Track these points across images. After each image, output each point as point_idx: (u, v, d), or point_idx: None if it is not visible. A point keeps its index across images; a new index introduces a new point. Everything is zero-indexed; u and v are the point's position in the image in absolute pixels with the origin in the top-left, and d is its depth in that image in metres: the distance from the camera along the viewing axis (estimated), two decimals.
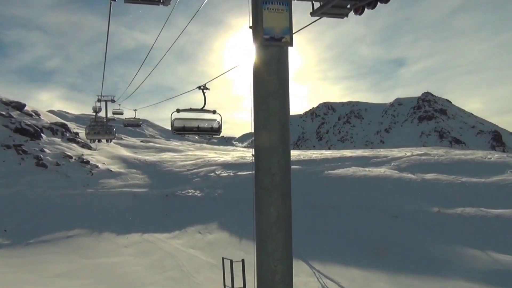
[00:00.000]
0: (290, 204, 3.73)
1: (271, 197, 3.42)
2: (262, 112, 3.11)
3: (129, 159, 34.01)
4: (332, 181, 24.74)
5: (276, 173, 3.28)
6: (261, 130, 3.15)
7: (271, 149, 3.19)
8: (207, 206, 23.23)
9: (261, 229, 3.63)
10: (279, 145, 3.10)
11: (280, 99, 3.00)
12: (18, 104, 34.28)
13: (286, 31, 3.01)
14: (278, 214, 3.50)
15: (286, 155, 3.19)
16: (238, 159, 34.29)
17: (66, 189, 24.17)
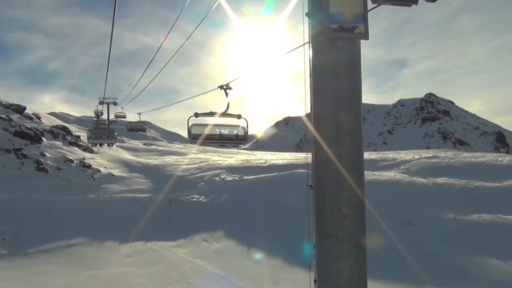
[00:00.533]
0: (366, 258, 2.60)
1: (341, 249, 2.47)
2: (327, 130, 2.31)
3: (131, 162, 33.28)
4: None
5: (349, 215, 2.41)
6: (324, 155, 2.32)
7: (341, 181, 2.34)
8: (212, 213, 22.48)
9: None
10: (351, 175, 2.27)
11: (353, 112, 2.20)
12: (18, 107, 33.58)
13: (359, 19, 2.20)
14: (351, 274, 2.45)
15: (360, 189, 2.35)
16: (243, 163, 33.55)
17: (67, 195, 23.43)
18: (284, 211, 21.63)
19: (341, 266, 2.44)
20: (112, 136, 23.60)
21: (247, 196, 24.37)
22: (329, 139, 2.26)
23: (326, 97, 2.30)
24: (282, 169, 29.59)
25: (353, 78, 2.24)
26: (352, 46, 2.29)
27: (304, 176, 27.13)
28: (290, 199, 22.97)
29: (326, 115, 2.30)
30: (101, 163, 30.68)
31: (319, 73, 2.35)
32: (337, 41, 2.26)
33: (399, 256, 16.20)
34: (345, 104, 2.24)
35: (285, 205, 22.39)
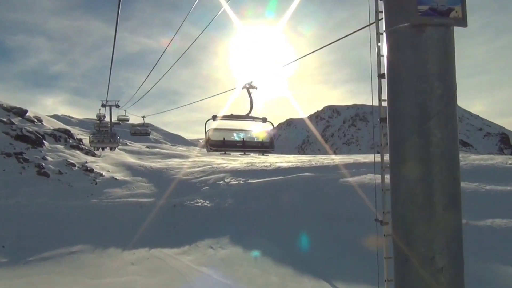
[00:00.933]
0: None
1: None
2: (411, 150, 1.73)
3: (134, 166, 32.78)
4: (348, 190, 23.34)
5: (445, 268, 1.80)
6: (406, 183, 1.70)
7: (434, 220, 1.75)
8: (217, 218, 21.95)
9: None
10: (448, 212, 1.69)
11: (448, 125, 1.65)
12: (19, 110, 33.12)
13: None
14: None
15: (459, 231, 1.77)
16: (248, 166, 33.00)
17: (69, 200, 22.94)
18: (291, 216, 21.10)
19: None
20: (115, 140, 23.37)
21: (253, 200, 23.84)
22: (415, 162, 1.68)
23: (409, 106, 1.72)
24: (287, 172, 29.03)
25: (448, 79, 1.68)
26: (447, 36, 1.67)
27: (309, 179, 26.62)
28: (296, 204, 22.45)
29: (409, 129, 1.73)
30: (104, 166, 30.19)
31: (399, 73, 1.74)
32: (427, 28, 1.64)
33: None
34: (438, 115, 1.69)
35: (292, 209, 21.86)
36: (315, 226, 19.70)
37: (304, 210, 21.53)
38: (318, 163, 33.54)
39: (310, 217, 20.65)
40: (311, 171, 28.92)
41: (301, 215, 21.04)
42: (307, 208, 21.76)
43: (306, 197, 23.08)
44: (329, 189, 23.80)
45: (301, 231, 19.11)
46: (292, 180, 26.32)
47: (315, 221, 20.00)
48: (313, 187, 24.46)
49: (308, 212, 21.18)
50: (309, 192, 23.87)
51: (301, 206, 22.03)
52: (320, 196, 22.73)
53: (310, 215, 20.85)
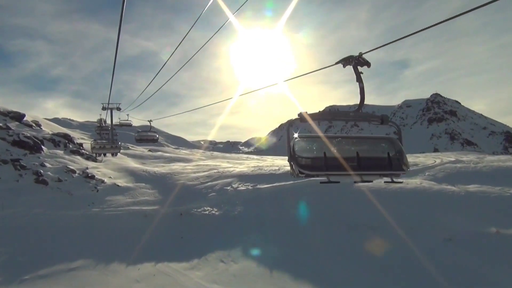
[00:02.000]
0: None
1: None
2: None
3: (137, 171, 31.41)
4: (365, 196, 21.99)
5: None
6: None
7: None
8: (227, 227, 20.56)
9: None
10: None
11: None
12: (16, 114, 31.65)
13: None
14: None
15: None
16: (255, 170, 31.65)
17: (69, 209, 21.56)
18: (307, 225, 19.72)
19: None
20: (116, 146, 22.58)
21: (264, 207, 22.48)
22: None
23: None
24: None
25: None
26: None
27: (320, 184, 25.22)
28: (311, 211, 21.08)
29: None
30: (105, 172, 28.81)
31: None
32: None
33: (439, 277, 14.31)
34: None
35: (307, 218, 20.50)
36: (333, 236, 18.33)
37: (320, 219, 20.15)
38: None
39: (327, 227, 19.27)
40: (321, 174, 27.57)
41: (318, 224, 19.65)
42: (322, 216, 20.39)
43: (320, 204, 21.71)
44: (344, 195, 22.47)
45: (319, 242, 17.73)
46: (304, 186, 24.98)
47: (333, 231, 18.62)
48: (328, 192, 23.11)
49: (324, 221, 19.80)
50: (323, 198, 22.51)
51: (316, 214, 20.66)
52: (337, 203, 21.38)
53: (326, 224, 19.47)
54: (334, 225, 18.93)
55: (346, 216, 19.63)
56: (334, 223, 19.16)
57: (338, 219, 19.45)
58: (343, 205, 20.87)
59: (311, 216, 20.37)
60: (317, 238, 18.03)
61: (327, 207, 20.93)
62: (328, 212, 20.39)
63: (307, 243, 17.73)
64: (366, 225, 18.59)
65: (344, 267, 15.72)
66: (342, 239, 17.86)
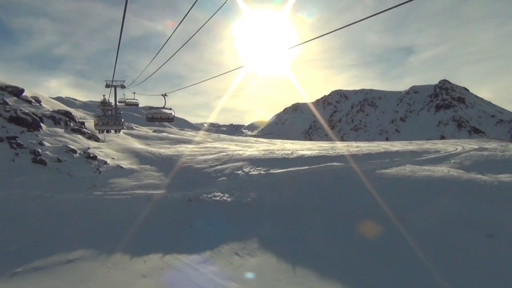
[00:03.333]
0: None
1: None
2: None
3: (141, 152, 29.62)
4: (391, 184, 20.16)
5: None
6: None
7: None
8: (241, 215, 18.82)
9: None
10: None
11: None
12: (15, 89, 29.62)
13: None
14: None
15: None
16: (266, 153, 29.82)
17: (68, 192, 19.83)
18: (330, 216, 17.91)
19: None
20: (119, 123, 21.15)
21: (279, 194, 20.70)
22: None
23: None
24: (313, 161, 25.87)
25: None
26: None
27: (340, 170, 23.36)
28: (333, 200, 19.26)
29: None
30: (108, 153, 27.03)
31: None
32: None
33: (481, 275, 12.58)
34: None
35: (329, 207, 18.67)
36: (362, 228, 16.58)
37: (344, 208, 18.35)
38: (340, 151, 30.31)
39: (354, 217, 17.48)
40: (339, 160, 25.78)
41: (342, 214, 17.87)
42: (347, 205, 18.58)
43: (342, 192, 19.90)
44: (367, 183, 20.65)
45: (345, 235, 15.96)
46: (320, 171, 23.18)
47: (360, 222, 16.84)
48: (347, 179, 21.30)
49: (350, 211, 18.01)
50: (345, 185, 20.70)
51: (339, 203, 18.86)
52: (359, 192, 19.57)
53: (353, 214, 17.69)
54: (359, 216, 17.14)
55: (370, 207, 17.83)
56: (359, 214, 17.36)
57: (363, 210, 17.65)
58: (365, 194, 19.06)
59: (333, 205, 18.55)
60: (343, 230, 16.25)
61: (348, 195, 19.14)
62: (350, 200, 18.60)
63: (331, 236, 15.96)
64: (395, 217, 16.78)
65: (377, 265, 13.98)
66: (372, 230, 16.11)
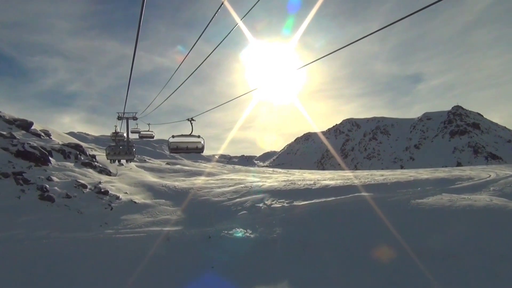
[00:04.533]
0: None
1: None
2: None
3: (155, 186, 28.02)
4: (430, 216, 18.18)
5: None
6: None
7: None
8: (267, 254, 16.90)
9: None
10: None
11: None
12: (23, 122, 28.45)
13: None
14: None
15: None
16: (287, 184, 28.03)
17: (77, 231, 18.15)
18: (367, 251, 15.93)
19: None
20: (131, 152, 20.72)
21: (307, 228, 18.80)
22: None
23: None
24: (338, 192, 24.03)
25: None
26: None
27: (371, 201, 21.44)
28: (368, 234, 17.31)
29: None
30: (120, 187, 25.46)
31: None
32: None
33: None
34: None
35: (366, 242, 16.69)
36: (414, 266, 14.55)
37: (386, 243, 16.40)
38: (366, 179, 28.44)
39: (396, 253, 15.51)
40: (367, 189, 23.90)
41: (384, 249, 15.91)
42: (391, 239, 16.64)
43: (379, 225, 17.96)
44: (403, 214, 18.73)
45: (390, 275, 13.95)
46: (349, 203, 21.32)
47: (411, 260, 14.82)
48: (383, 211, 19.37)
49: (394, 246, 16.06)
50: (379, 217, 18.79)
51: (378, 237, 16.90)
52: (399, 224, 17.61)
53: (394, 250, 15.72)
54: (406, 251, 15.12)
55: (416, 241, 15.83)
56: (406, 249, 15.35)
57: (410, 244, 15.64)
58: (406, 226, 17.09)
59: (368, 239, 16.56)
60: (388, 269, 14.24)
61: (384, 228, 17.15)
62: (391, 234, 16.61)
63: (373, 276, 13.95)
64: (444, 252, 14.77)
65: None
66: (422, 269, 14.08)
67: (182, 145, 14.31)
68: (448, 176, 28.75)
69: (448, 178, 27.53)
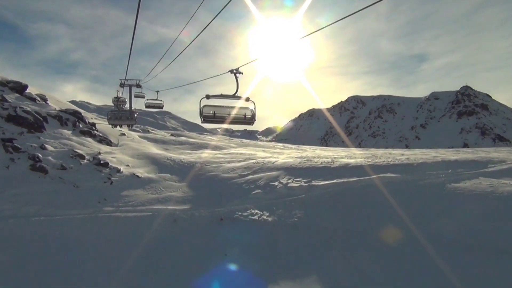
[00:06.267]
0: None
1: None
2: None
3: (160, 159, 25.77)
4: (471, 202, 15.86)
5: None
6: None
7: None
8: (288, 242, 14.73)
9: None
10: None
11: None
12: (17, 84, 25.84)
13: None
14: None
15: None
16: (303, 161, 25.71)
17: (72, 208, 15.97)
18: (406, 241, 13.75)
19: None
20: (132, 117, 19.30)
21: (333, 213, 16.56)
22: None
23: None
24: (360, 172, 21.72)
25: None
26: None
27: (402, 183, 19.19)
28: (405, 220, 15.12)
29: None
30: (122, 159, 23.21)
31: None
32: None
33: None
34: None
35: (403, 230, 14.50)
36: (456, 262, 12.43)
37: (423, 232, 14.23)
38: (390, 159, 26.06)
39: (435, 246, 13.37)
40: (393, 170, 21.60)
41: (424, 240, 13.76)
42: (422, 228, 14.48)
43: (413, 213, 15.77)
44: (439, 200, 16.47)
45: (435, 271, 11.82)
46: (376, 185, 19.01)
47: (452, 255, 12.67)
48: (413, 195, 17.14)
49: (430, 238, 13.90)
50: (413, 205, 16.58)
51: (415, 225, 14.71)
52: (433, 211, 15.40)
53: (433, 243, 13.58)
54: (444, 245, 12.92)
55: (454, 232, 13.61)
56: (443, 241, 13.15)
57: (446, 235, 13.43)
58: (441, 214, 14.85)
59: (406, 227, 14.33)
60: (430, 263, 12.06)
61: (417, 216, 14.93)
62: (422, 223, 14.39)
63: (416, 269, 11.78)
64: (491, 247, 12.57)
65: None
66: (467, 267, 11.91)
67: (222, 111, 9.65)
68: (476, 158, 26.32)
69: (478, 160, 25.13)
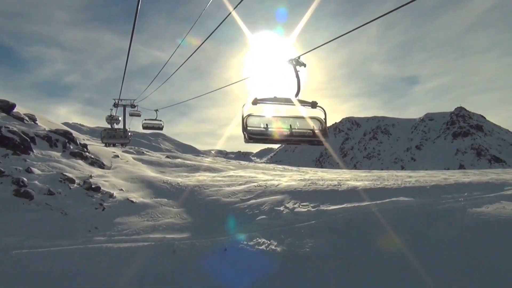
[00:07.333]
0: None
1: None
2: None
3: (155, 182, 24.20)
4: (498, 229, 14.57)
5: None
6: None
7: None
8: (300, 276, 13.18)
9: None
10: None
11: None
12: (4, 103, 24.12)
13: None
14: None
15: None
16: (308, 184, 24.27)
17: (60, 238, 14.32)
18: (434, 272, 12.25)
19: None
20: (126, 136, 20.45)
21: (348, 241, 15.08)
22: None
23: None
24: (371, 195, 20.35)
25: None
26: None
27: (418, 208, 17.75)
28: (430, 250, 13.67)
29: None
30: (115, 183, 21.61)
31: None
32: None
33: None
34: None
35: (425, 261, 13.02)
36: None
37: (446, 265, 12.78)
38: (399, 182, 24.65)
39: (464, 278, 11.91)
40: (405, 194, 20.25)
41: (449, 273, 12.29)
42: (447, 260, 13.02)
43: (438, 240, 14.33)
44: (463, 227, 15.09)
45: None
46: (390, 209, 17.65)
47: None
48: (434, 220, 15.76)
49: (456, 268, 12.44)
50: (432, 227, 15.18)
51: (436, 256, 13.26)
52: (463, 236, 14.00)
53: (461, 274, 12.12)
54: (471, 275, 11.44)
55: (492, 267, 12.17)
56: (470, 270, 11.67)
57: (486, 273, 11.97)
58: (470, 243, 13.42)
59: (427, 258, 12.86)
60: None
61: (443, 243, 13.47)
62: (451, 253, 12.93)
63: None
64: None
65: None
66: None
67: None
68: (491, 179, 25.06)
69: (492, 182, 23.89)
